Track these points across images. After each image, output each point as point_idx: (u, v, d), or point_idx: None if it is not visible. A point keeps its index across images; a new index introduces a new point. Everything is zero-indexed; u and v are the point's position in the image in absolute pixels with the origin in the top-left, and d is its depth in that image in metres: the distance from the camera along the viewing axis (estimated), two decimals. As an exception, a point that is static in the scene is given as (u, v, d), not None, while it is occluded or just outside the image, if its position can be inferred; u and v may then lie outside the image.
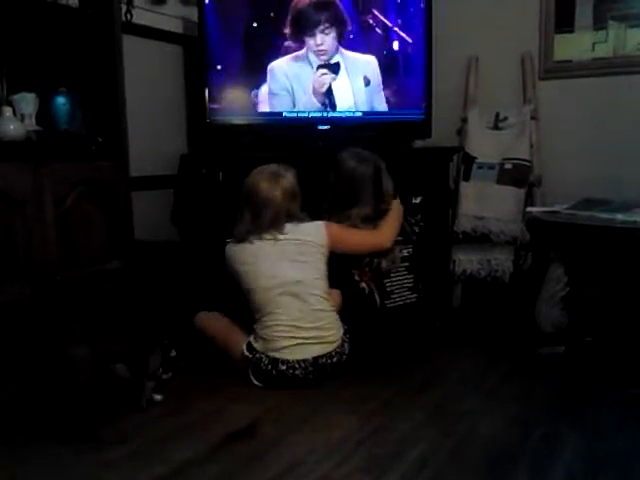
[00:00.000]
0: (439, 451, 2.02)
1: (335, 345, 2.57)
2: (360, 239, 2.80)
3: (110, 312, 2.41)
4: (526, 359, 2.82)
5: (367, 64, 3.46)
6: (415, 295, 2.90)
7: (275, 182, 2.62)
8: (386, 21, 3.48)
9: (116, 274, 2.65)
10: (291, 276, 2.56)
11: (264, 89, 3.31)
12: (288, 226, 2.63)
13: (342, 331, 2.63)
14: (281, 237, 2.61)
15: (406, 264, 2.91)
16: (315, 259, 2.63)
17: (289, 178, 2.65)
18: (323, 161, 3.12)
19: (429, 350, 2.89)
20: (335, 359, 2.56)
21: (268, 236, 2.60)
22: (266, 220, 2.60)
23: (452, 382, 2.61)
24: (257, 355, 2.52)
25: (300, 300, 2.55)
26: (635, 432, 2.14)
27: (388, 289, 2.84)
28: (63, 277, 2.45)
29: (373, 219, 2.84)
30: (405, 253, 2.92)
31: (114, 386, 2.26)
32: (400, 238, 2.91)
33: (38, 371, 2.23)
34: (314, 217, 2.75)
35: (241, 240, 2.62)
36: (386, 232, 2.83)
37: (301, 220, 2.68)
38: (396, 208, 2.91)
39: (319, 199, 2.88)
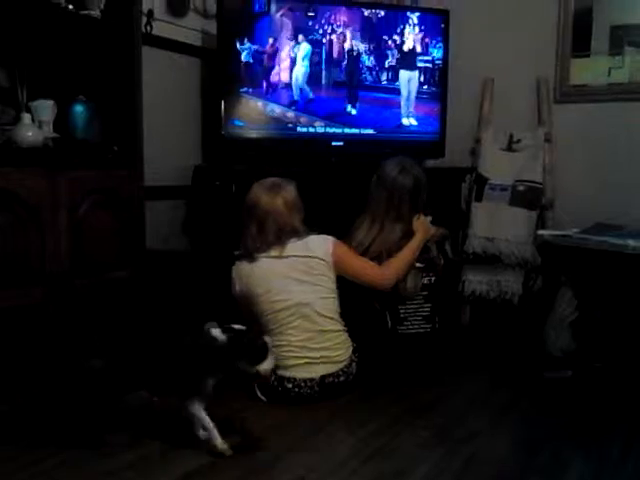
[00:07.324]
0: (444, 472, 2.01)
1: (342, 365, 2.56)
2: (359, 269, 2.69)
3: (118, 321, 2.41)
4: (533, 383, 2.80)
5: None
6: (430, 325, 2.84)
7: (275, 193, 2.56)
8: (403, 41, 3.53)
9: (126, 283, 2.66)
10: (300, 298, 2.52)
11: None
12: (292, 241, 2.56)
13: (351, 350, 2.61)
14: (286, 253, 2.55)
15: (425, 293, 2.83)
16: (322, 277, 2.58)
17: (290, 190, 2.59)
18: (336, 177, 3.14)
19: (436, 371, 2.86)
20: (342, 378, 2.55)
21: (274, 252, 2.55)
22: (270, 233, 2.55)
23: (458, 403, 2.60)
24: (264, 371, 2.51)
25: (309, 321, 2.52)
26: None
27: (402, 315, 2.80)
28: (74, 284, 2.46)
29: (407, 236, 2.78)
30: (426, 281, 2.83)
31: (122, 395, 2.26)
32: (422, 265, 2.82)
33: (48, 378, 2.23)
34: (328, 233, 2.68)
35: (249, 257, 2.57)
36: (390, 271, 2.71)
37: (304, 235, 2.59)
38: (417, 239, 2.79)
39: (331, 214, 2.88)
